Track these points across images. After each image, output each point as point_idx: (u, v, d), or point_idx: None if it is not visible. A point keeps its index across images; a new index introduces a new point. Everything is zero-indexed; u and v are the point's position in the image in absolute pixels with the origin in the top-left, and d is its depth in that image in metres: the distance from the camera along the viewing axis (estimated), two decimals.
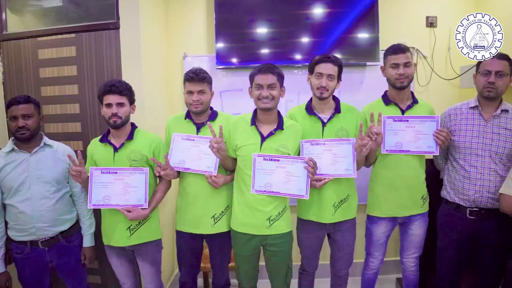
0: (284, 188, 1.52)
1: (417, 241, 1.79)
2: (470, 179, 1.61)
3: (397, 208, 1.71)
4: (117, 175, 1.56)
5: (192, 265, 1.81)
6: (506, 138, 1.56)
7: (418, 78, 2.44)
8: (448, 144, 1.69)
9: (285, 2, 2.35)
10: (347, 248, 1.72)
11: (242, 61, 2.35)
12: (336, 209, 1.62)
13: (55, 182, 1.61)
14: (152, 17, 2.18)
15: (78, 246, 1.73)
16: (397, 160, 1.67)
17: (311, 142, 1.58)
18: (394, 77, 1.63)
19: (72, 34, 2.09)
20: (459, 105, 1.71)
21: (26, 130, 1.55)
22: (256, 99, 1.55)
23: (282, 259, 1.63)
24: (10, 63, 2.20)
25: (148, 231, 1.65)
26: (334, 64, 1.56)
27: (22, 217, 1.55)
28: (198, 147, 1.63)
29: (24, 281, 1.66)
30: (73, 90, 2.12)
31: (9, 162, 1.56)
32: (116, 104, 1.55)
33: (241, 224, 1.60)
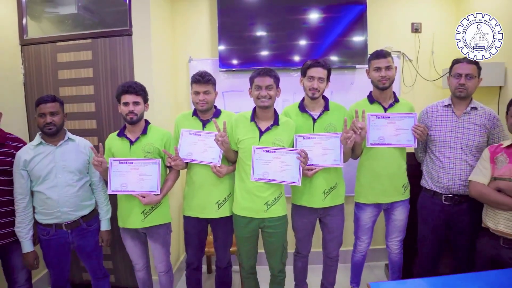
0: (280, 176, 1.73)
1: (399, 226, 2.00)
2: (444, 169, 1.82)
3: (381, 195, 1.92)
4: (133, 165, 1.77)
5: (198, 247, 2.02)
6: (475, 132, 1.78)
7: (404, 79, 2.65)
8: (426, 139, 1.90)
9: (283, 8, 2.53)
10: (336, 231, 1.94)
11: (243, 64, 2.56)
12: (326, 195, 1.84)
13: (78, 171, 1.82)
14: (160, 24, 2.39)
15: (96, 230, 1.95)
16: (380, 153, 1.88)
17: (304, 136, 1.80)
18: (377, 79, 1.84)
19: (89, 40, 2.31)
20: (435, 104, 1.92)
21: (53, 125, 1.76)
22: (256, 98, 1.76)
23: (278, 240, 1.84)
24: (31, 66, 2.41)
25: (159, 215, 1.87)
26: (323, 68, 1.77)
27: (49, 202, 1.76)
28: (204, 141, 1.84)
29: (48, 260, 1.87)
30: (89, 91, 2.33)
31: (38, 154, 1.77)
32: (133, 103, 1.76)
33: (242, 208, 1.81)
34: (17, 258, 1.84)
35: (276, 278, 1.95)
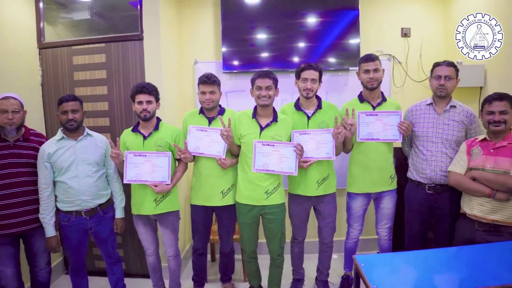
0: (278, 167, 1.93)
1: (388, 214, 2.19)
2: (427, 161, 2.02)
3: (370, 185, 2.12)
4: (146, 158, 1.97)
5: (204, 234, 2.22)
6: (454, 128, 1.97)
7: (394, 80, 2.85)
8: (411, 134, 2.10)
9: (282, 13, 2.71)
10: (329, 217, 2.13)
11: (244, 66, 2.75)
12: (319, 185, 2.03)
13: (96, 163, 2.01)
14: (168, 29, 2.58)
15: (111, 218, 2.14)
16: (369, 147, 2.08)
17: (299, 132, 1.99)
18: (366, 80, 2.04)
19: (102, 44, 2.50)
20: (419, 103, 2.12)
21: (74, 122, 1.95)
22: (257, 97, 1.96)
23: (277, 226, 2.04)
24: (48, 68, 2.60)
25: (169, 203, 2.06)
26: (315, 70, 1.97)
27: (70, 191, 1.95)
28: (209, 136, 2.04)
29: (68, 244, 2.05)
30: (102, 91, 2.52)
31: (60, 147, 1.96)
32: (146, 102, 1.96)
33: (244, 197, 2.00)
34: (39, 243, 2.03)
35: (275, 261, 2.14)
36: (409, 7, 2.83)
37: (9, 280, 1.93)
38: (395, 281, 1.26)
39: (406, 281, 1.31)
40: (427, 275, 1.35)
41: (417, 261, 1.47)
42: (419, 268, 1.42)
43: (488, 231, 1.73)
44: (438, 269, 1.38)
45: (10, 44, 2.30)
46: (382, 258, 1.66)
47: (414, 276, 1.36)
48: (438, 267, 1.39)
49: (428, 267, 1.40)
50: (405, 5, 2.83)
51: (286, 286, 2.35)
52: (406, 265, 1.45)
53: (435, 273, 1.34)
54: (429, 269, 1.38)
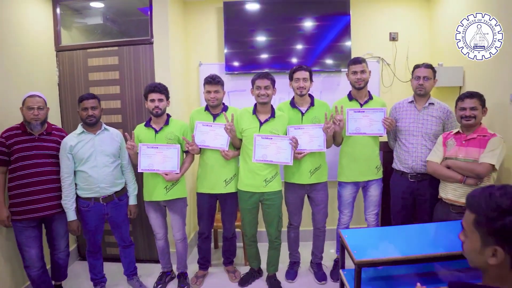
0: (276, 157, 2.17)
1: (374, 201, 2.42)
2: (409, 153, 2.26)
3: (358, 175, 2.35)
4: (157, 149, 2.20)
5: (209, 219, 2.45)
6: (432, 123, 2.21)
7: (383, 81, 3.09)
8: (395, 129, 2.34)
9: (281, 17, 2.93)
10: (321, 204, 2.37)
11: (245, 67, 2.98)
12: (312, 174, 2.27)
13: (112, 155, 2.25)
14: (175, 34, 2.81)
15: (125, 204, 2.37)
16: (357, 140, 2.31)
17: (294, 127, 2.23)
18: (354, 80, 2.27)
19: (115, 47, 2.73)
20: (402, 101, 2.36)
21: (93, 117, 2.18)
22: (256, 96, 2.20)
23: (275, 211, 2.27)
24: (65, 69, 2.83)
25: (178, 190, 2.30)
26: (305, 71, 2.21)
27: (90, 180, 2.18)
28: (214, 130, 2.28)
29: (87, 228, 2.28)
30: (115, 90, 2.76)
31: (80, 140, 2.19)
32: (158, 100, 2.19)
33: (245, 184, 2.24)
34: (59, 227, 2.26)
35: (273, 243, 2.37)
36: (397, 13, 3.07)
37: (33, 260, 2.15)
38: (371, 247, 1.51)
39: (380, 247, 1.59)
40: (398, 242, 1.62)
41: (390, 233, 1.73)
42: (391, 238, 1.71)
43: (461, 213, 1.96)
44: (406, 239, 1.63)
45: (30, 47, 2.53)
46: (362, 231, 1.92)
47: (387, 243, 1.64)
48: (407, 238, 1.65)
49: (399, 237, 1.67)
50: (393, 11, 3.06)
51: (283, 269, 2.58)
52: (382, 236, 1.72)
53: (404, 241, 1.60)
54: (400, 239, 1.66)
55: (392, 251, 1.51)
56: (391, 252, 1.50)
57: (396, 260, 1.45)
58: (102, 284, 2.44)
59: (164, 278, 2.53)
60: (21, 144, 2.10)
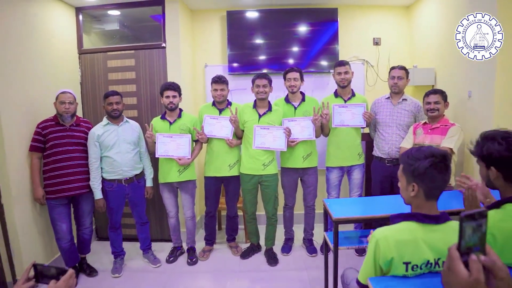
0: (273, 145, 2.56)
1: (357, 183, 2.81)
2: (385, 141, 2.65)
3: (343, 161, 2.74)
4: (172, 138, 2.59)
5: (215, 200, 2.84)
6: (405, 115, 2.61)
7: (368, 80, 3.49)
8: (375, 122, 2.73)
9: (278, 23, 3.31)
10: (312, 186, 2.76)
11: (246, 68, 3.37)
12: (304, 159, 2.66)
13: (133, 143, 2.63)
14: (185, 39, 3.20)
15: (143, 186, 2.75)
16: (341, 131, 2.70)
17: (288, 119, 2.63)
18: (339, 80, 2.67)
19: (132, 51, 3.11)
20: (380, 97, 2.76)
21: (117, 111, 2.56)
22: (256, 93, 2.59)
23: (272, 191, 2.67)
24: (86, 69, 3.20)
25: (189, 173, 2.69)
26: (296, 72, 2.61)
27: (114, 164, 2.56)
28: (220, 122, 2.66)
29: (110, 206, 2.65)
30: (132, 88, 3.13)
31: (106, 130, 2.57)
32: (172, 96, 2.58)
33: (247, 168, 2.63)
34: (86, 206, 2.63)
35: (270, 220, 2.76)
36: (380, 21, 3.47)
37: (64, 233, 2.53)
38: (347, 210, 1.89)
39: (354, 210, 1.97)
40: (370, 207, 2.01)
41: (365, 201, 2.13)
42: (365, 205, 2.11)
43: None
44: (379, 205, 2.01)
45: (57, 51, 2.89)
46: (342, 200, 2.36)
47: (361, 207, 2.05)
48: (379, 204, 2.02)
49: (372, 204, 2.07)
50: (376, 19, 3.46)
51: (279, 245, 2.97)
52: (357, 203, 2.14)
53: (376, 206, 1.98)
54: (373, 205, 2.05)
55: (363, 212, 1.90)
56: (362, 213, 1.88)
57: (366, 218, 1.83)
58: (121, 256, 2.81)
59: (175, 252, 2.90)
60: (54, 133, 2.47)
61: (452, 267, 0.65)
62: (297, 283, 2.48)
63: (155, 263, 2.80)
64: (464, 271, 0.63)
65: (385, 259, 1.09)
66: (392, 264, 1.09)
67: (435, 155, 1.06)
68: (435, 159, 1.05)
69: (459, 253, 0.65)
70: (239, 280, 2.56)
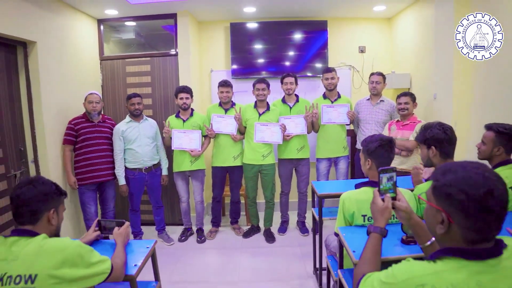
0: (271, 139, 3.03)
1: (343, 173, 3.29)
2: (365, 135, 3.07)
3: (330, 152, 3.22)
4: (185, 133, 3.05)
5: (220, 187, 3.30)
6: (382, 114, 3.09)
7: (354, 84, 3.96)
8: (357, 119, 3.21)
9: (275, 31, 3.75)
10: (304, 175, 3.24)
11: (247, 72, 3.83)
12: (298, 151, 3.14)
13: (151, 137, 3.09)
14: (193, 47, 3.66)
15: (159, 175, 3.21)
16: (329, 127, 3.18)
17: (284, 117, 3.10)
18: (326, 84, 3.14)
19: (148, 58, 3.57)
20: (362, 99, 3.24)
21: (138, 110, 3.02)
22: (256, 95, 3.06)
23: (270, 178, 3.14)
24: (107, 74, 3.65)
25: (200, 163, 3.15)
26: (291, 77, 3.08)
27: (136, 155, 3.02)
28: (226, 120, 3.13)
29: (132, 191, 3.10)
30: (148, 91, 3.59)
31: (129, 127, 3.02)
32: (185, 98, 3.04)
33: (248, 159, 3.10)
34: (110, 191, 3.08)
35: (268, 203, 3.23)
36: (365, 31, 3.93)
37: (92, 214, 2.97)
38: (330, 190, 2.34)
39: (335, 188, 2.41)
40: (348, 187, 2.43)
41: (344, 183, 2.60)
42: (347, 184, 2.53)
43: (401, 175, 2.83)
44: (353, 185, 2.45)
45: (82, 58, 3.32)
46: (328, 182, 2.81)
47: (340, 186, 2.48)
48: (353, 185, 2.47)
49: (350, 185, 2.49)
50: (362, 30, 3.93)
51: (276, 227, 3.43)
52: (340, 184, 2.59)
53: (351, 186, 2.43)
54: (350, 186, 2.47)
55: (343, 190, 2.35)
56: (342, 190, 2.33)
57: None
58: (140, 236, 3.26)
59: (186, 233, 3.36)
60: (86, 129, 2.92)
61: (374, 199, 1.12)
62: (291, 257, 2.95)
63: (169, 241, 3.25)
64: (380, 201, 1.11)
65: (348, 212, 1.55)
66: (354, 216, 1.55)
67: (382, 139, 1.53)
68: (382, 142, 1.52)
69: (379, 193, 1.13)
70: (241, 255, 3.02)
